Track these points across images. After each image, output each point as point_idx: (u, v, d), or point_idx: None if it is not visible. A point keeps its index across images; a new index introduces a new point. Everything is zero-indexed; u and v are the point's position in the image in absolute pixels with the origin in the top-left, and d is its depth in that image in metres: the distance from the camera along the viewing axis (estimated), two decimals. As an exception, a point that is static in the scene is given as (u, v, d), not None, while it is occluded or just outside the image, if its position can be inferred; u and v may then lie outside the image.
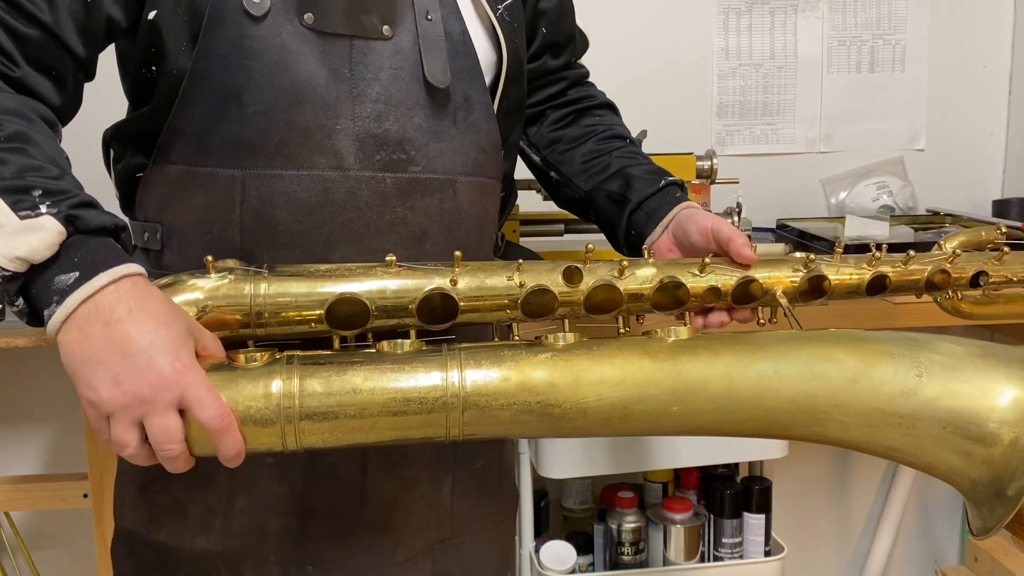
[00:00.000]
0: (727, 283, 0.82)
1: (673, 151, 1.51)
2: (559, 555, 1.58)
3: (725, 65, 1.86)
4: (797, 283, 0.83)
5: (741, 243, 0.85)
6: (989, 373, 0.72)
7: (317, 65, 0.81)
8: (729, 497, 1.62)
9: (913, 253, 0.87)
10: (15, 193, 0.66)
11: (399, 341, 0.74)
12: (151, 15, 0.81)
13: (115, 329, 0.64)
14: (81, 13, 0.77)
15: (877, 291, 0.86)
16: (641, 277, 0.80)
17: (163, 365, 0.64)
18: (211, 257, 0.75)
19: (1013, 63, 1.91)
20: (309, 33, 0.81)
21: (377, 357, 0.72)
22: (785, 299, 0.83)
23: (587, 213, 1.06)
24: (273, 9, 0.80)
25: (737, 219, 1.46)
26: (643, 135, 1.54)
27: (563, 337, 0.75)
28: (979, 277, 0.89)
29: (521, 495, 1.60)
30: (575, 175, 1.05)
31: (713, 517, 1.64)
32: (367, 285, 0.76)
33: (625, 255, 0.96)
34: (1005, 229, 1.00)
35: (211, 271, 0.75)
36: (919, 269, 0.87)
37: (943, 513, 2.04)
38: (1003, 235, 1.00)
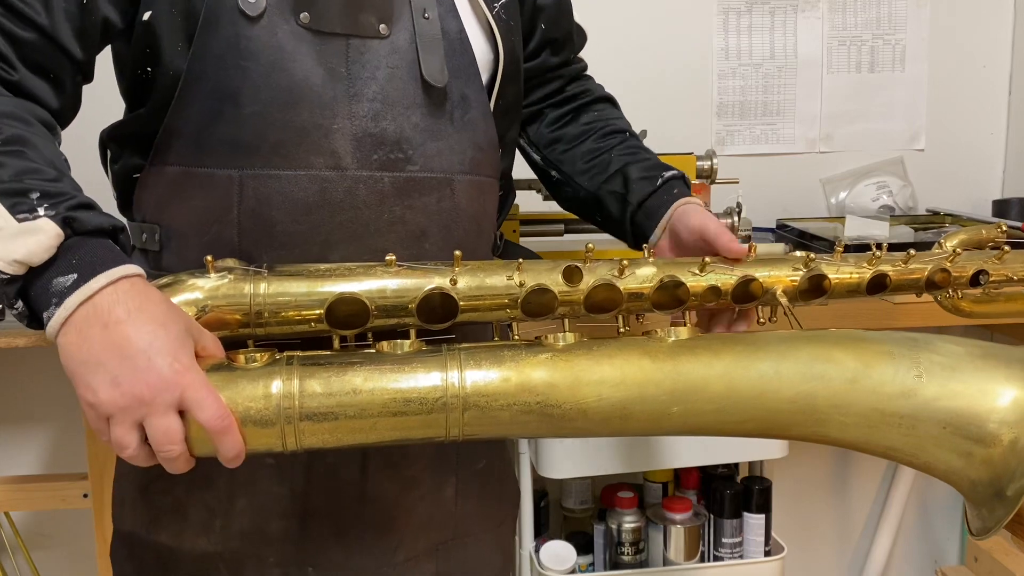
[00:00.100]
0: (727, 282, 0.82)
1: (673, 151, 1.51)
2: (559, 555, 1.58)
3: (725, 65, 1.85)
4: (797, 282, 0.83)
5: (727, 239, 0.85)
6: (989, 373, 0.72)
7: (313, 65, 0.81)
8: (729, 497, 1.62)
9: (913, 252, 0.87)
10: (13, 196, 0.66)
11: (399, 341, 0.74)
12: (146, 16, 0.80)
13: (114, 330, 0.64)
14: (77, 15, 0.77)
15: (877, 290, 0.86)
16: (641, 276, 0.80)
17: (162, 366, 0.64)
18: (210, 257, 0.75)
19: (1013, 63, 1.91)
20: (305, 32, 0.81)
21: (377, 357, 0.72)
22: (785, 298, 0.82)
23: (591, 213, 1.06)
24: (269, 9, 0.80)
25: (737, 219, 1.46)
26: (643, 135, 1.53)
27: (563, 337, 0.75)
28: (979, 276, 0.89)
29: (521, 495, 1.60)
30: (577, 175, 1.05)
31: (713, 517, 1.64)
32: (367, 285, 0.76)
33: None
34: (1006, 228, 1.00)
35: (210, 271, 0.75)
36: (919, 268, 0.87)
37: (943, 513, 2.04)
38: (1003, 233, 1.00)
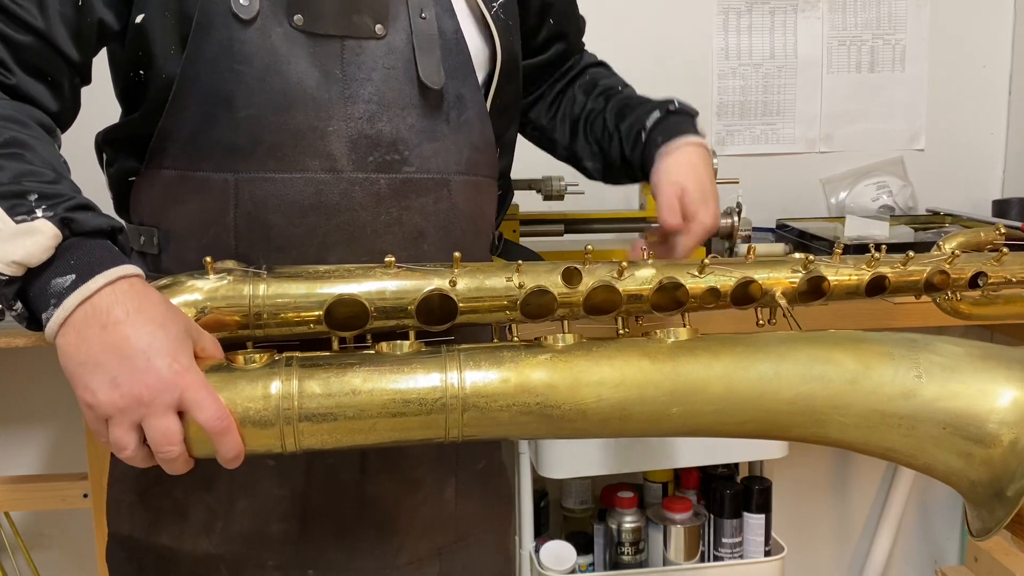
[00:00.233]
0: (726, 284, 0.82)
1: (673, 151, 1.51)
2: (559, 555, 1.58)
3: (725, 65, 1.85)
4: (796, 284, 0.83)
5: (666, 211, 0.92)
6: (989, 374, 0.72)
7: (308, 67, 0.81)
8: (729, 497, 1.62)
9: (912, 254, 0.87)
10: (11, 198, 0.65)
11: (398, 342, 0.74)
12: (138, 19, 0.80)
13: (113, 331, 0.64)
14: (73, 17, 0.77)
15: (876, 292, 0.86)
16: (640, 278, 0.80)
17: (161, 367, 0.64)
18: (210, 258, 0.75)
19: (1013, 63, 1.91)
20: (299, 35, 0.81)
21: (376, 358, 0.72)
22: (784, 300, 0.82)
23: (619, 177, 1.11)
24: (262, 12, 0.80)
25: (737, 219, 1.46)
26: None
27: (562, 338, 0.75)
28: (978, 278, 0.89)
29: (521, 495, 1.59)
30: (581, 150, 1.11)
31: (713, 517, 1.64)
32: (366, 286, 0.76)
33: None
34: (1004, 230, 1.00)
35: (210, 272, 0.75)
36: (918, 270, 0.87)
37: (943, 513, 2.04)
38: (1002, 236, 1.00)
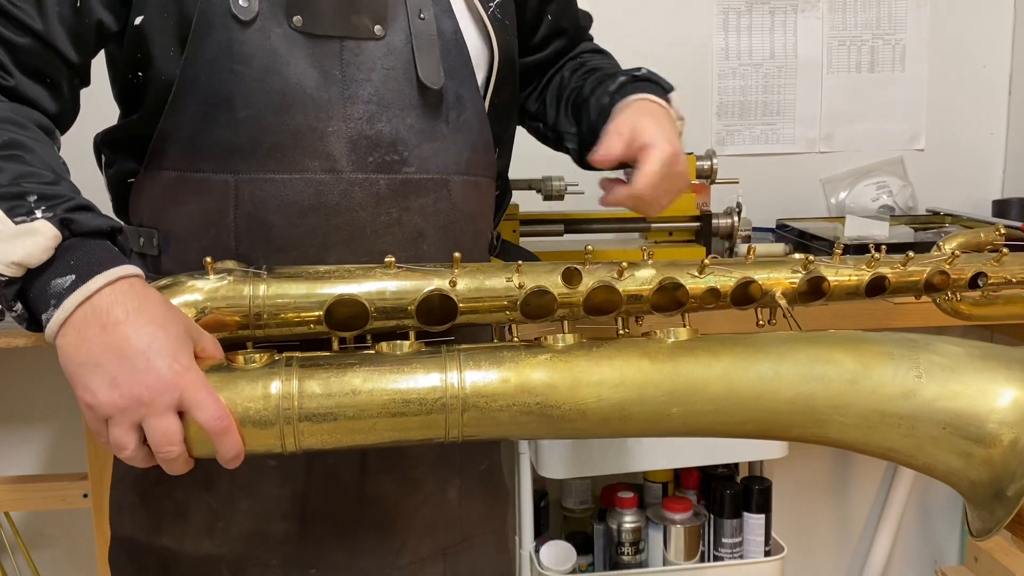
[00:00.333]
0: (726, 284, 0.82)
1: (673, 151, 1.51)
2: (559, 555, 1.58)
3: (725, 65, 1.85)
4: (796, 284, 0.83)
5: (611, 136, 0.89)
6: (989, 374, 0.72)
7: (307, 67, 0.81)
8: (729, 497, 1.62)
9: (912, 254, 0.87)
10: (10, 199, 0.66)
11: (398, 342, 0.74)
12: (137, 20, 0.80)
13: (112, 331, 0.64)
14: (71, 19, 0.77)
15: (876, 292, 0.86)
16: (640, 278, 0.80)
17: (161, 367, 0.64)
18: (210, 259, 0.75)
19: (1013, 63, 1.91)
20: (298, 36, 0.81)
21: (376, 358, 0.72)
22: (784, 300, 0.82)
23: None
24: (261, 13, 0.80)
25: (737, 219, 1.46)
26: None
27: (562, 338, 0.75)
28: (978, 278, 0.89)
29: (521, 495, 1.60)
30: (567, 138, 1.07)
31: (713, 517, 1.64)
32: (366, 286, 0.76)
33: None
34: (1004, 230, 1.00)
35: (210, 272, 0.75)
36: (918, 270, 0.87)
37: (943, 513, 2.04)
38: (1002, 236, 1.00)
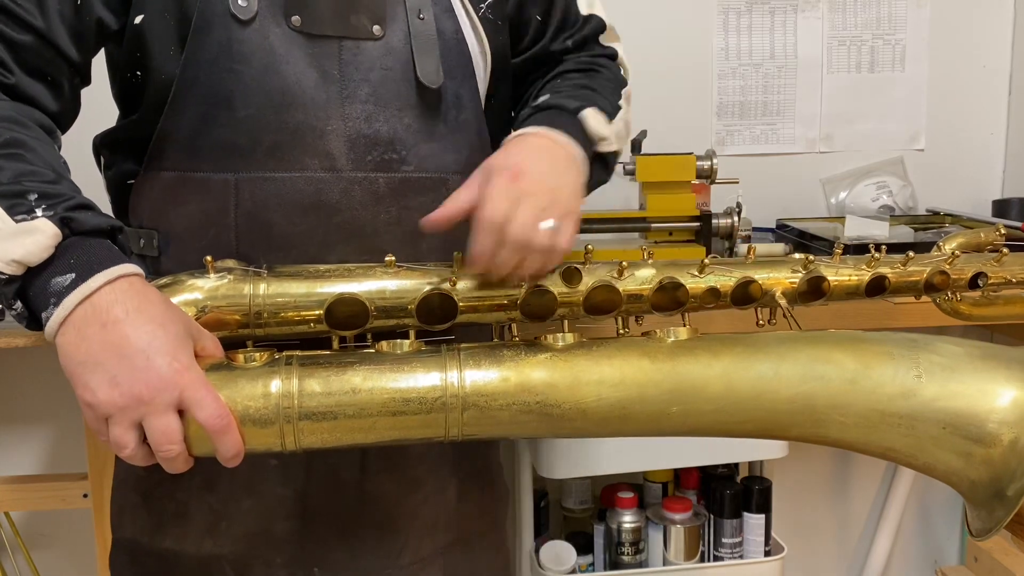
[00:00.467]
0: (726, 284, 0.82)
1: (673, 151, 1.51)
2: (559, 555, 1.58)
3: (725, 65, 1.85)
4: (796, 284, 0.83)
5: (450, 199, 0.78)
6: (988, 374, 0.72)
7: (306, 67, 0.81)
8: (729, 497, 1.62)
9: (912, 254, 0.87)
10: (11, 198, 0.66)
11: (398, 341, 0.74)
12: (137, 20, 0.81)
13: (112, 330, 0.64)
14: (72, 17, 0.77)
15: (876, 292, 0.86)
16: (640, 278, 0.80)
17: (161, 366, 0.64)
18: (210, 257, 0.75)
19: (1013, 63, 1.91)
20: (297, 35, 0.81)
21: (376, 357, 0.72)
22: (784, 300, 0.82)
23: None
24: (260, 12, 0.80)
25: (737, 219, 1.46)
26: (643, 135, 1.54)
27: (562, 337, 0.75)
28: (978, 278, 0.89)
29: (521, 495, 1.60)
30: None
31: (713, 517, 1.64)
32: (366, 285, 0.76)
33: None
34: (1004, 230, 1.00)
35: (210, 271, 0.75)
36: (918, 270, 0.87)
37: (943, 513, 2.03)
38: (1002, 236, 1.00)
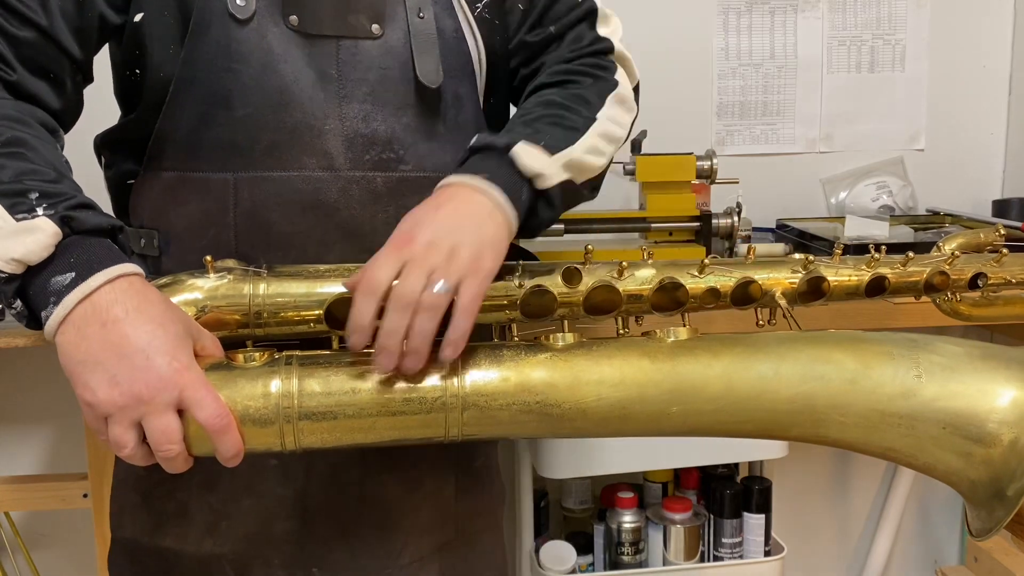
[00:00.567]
0: (726, 284, 0.82)
1: (673, 151, 1.51)
2: (559, 555, 1.58)
3: (725, 65, 1.85)
4: (796, 284, 0.83)
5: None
6: (988, 374, 0.72)
7: (304, 67, 0.81)
8: (729, 497, 1.62)
9: (912, 255, 0.87)
10: (12, 196, 0.66)
11: (398, 341, 0.74)
12: (137, 18, 0.81)
13: (112, 329, 0.64)
14: (74, 13, 0.77)
15: (876, 292, 0.86)
16: (640, 278, 0.80)
17: (161, 365, 0.64)
18: (210, 257, 0.75)
19: (1013, 63, 1.91)
20: (295, 35, 0.81)
21: (376, 357, 0.72)
22: (784, 300, 0.82)
23: None
24: (258, 12, 0.80)
25: (737, 219, 1.46)
26: (643, 135, 1.54)
27: (562, 337, 0.75)
28: (978, 279, 0.89)
29: (521, 495, 1.60)
30: None
31: (713, 517, 1.64)
32: (366, 285, 0.76)
33: None
34: (1004, 230, 1.00)
35: (210, 271, 0.75)
36: (918, 271, 0.87)
37: (943, 513, 2.03)
38: (1002, 236, 1.00)
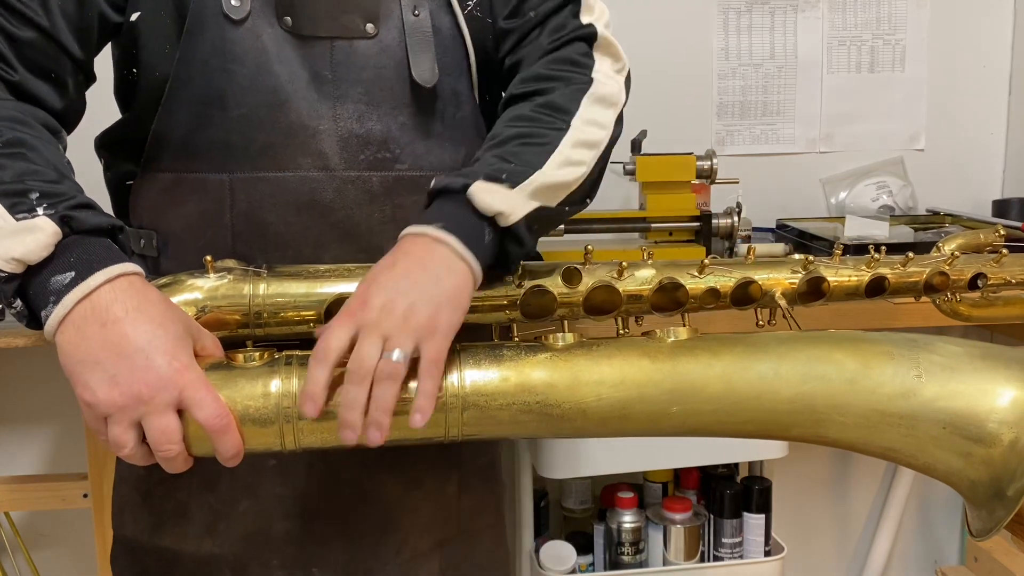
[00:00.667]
0: (726, 284, 0.82)
1: (673, 151, 1.51)
2: (559, 555, 1.58)
3: (725, 65, 1.85)
4: (796, 284, 0.83)
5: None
6: (988, 374, 0.72)
7: (298, 67, 0.82)
8: (729, 497, 1.62)
9: (912, 255, 0.87)
10: (13, 196, 0.66)
11: (398, 341, 0.74)
12: (134, 17, 0.81)
13: (112, 329, 0.64)
14: (75, 13, 0.78)
15: (876, 293, 0.86)
16: (640, 278, 0.80)
17: (161, 365, 0.64)
18: (210, 257, 0.75)
19: (1013, 63, 1.91)
20: (288, 36, 0.82)
21: (376, 357, 0.72)
22: (784, 300, 0.82)
23: None
24: (253, 12, 0.81)
25: (737, 219, 1.46)
26: (643, 135, 1.54)
27: (562, 337, 0.75)
28: (977, 279, 0.89)
29: (521, 495, 1.60)
30: None
31: (713, 517, 1.64)
32: (366, 285, 0.76)
33: None
34: (1004, 230, 1.01)
35: (210, 271, 0.75)
36: (918, 271, 0.87)
37: (943, 513, 2.03)
38: (1002, 236, 1.00)
